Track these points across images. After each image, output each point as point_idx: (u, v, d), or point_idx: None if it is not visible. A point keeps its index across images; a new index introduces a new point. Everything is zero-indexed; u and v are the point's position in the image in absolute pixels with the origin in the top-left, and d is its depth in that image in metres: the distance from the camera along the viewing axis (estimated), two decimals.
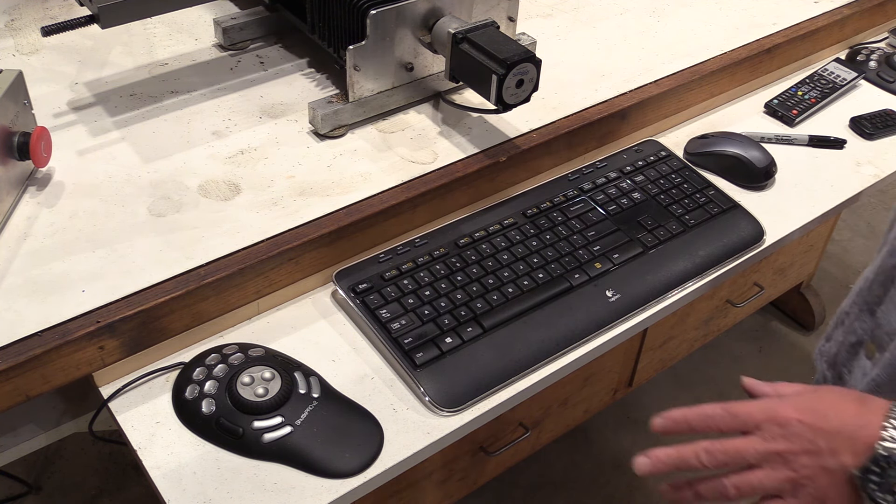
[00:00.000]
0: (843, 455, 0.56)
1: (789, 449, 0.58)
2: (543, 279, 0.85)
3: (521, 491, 1.56)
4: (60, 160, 0.87)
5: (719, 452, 0.59)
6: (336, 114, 0.91)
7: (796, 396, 0.60)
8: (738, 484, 0.59)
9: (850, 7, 1.22)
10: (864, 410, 0.57)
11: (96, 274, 0.75)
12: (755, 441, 0.59)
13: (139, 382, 0.76)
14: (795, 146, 1.08)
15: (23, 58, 1.01)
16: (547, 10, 1.18)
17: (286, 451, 0.71)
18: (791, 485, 0.58)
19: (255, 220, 0.82)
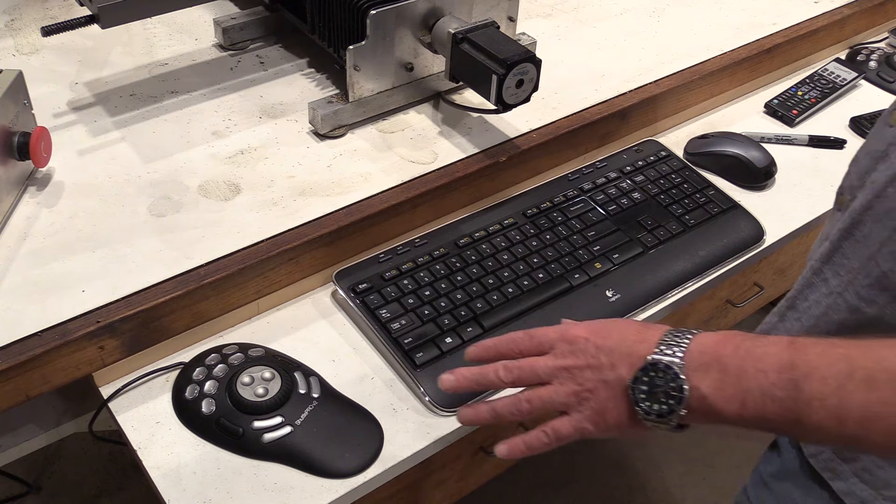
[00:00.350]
0: (620, 368, 0.59)
1: (575, 364, 0.61)
2: (543, 279, 0.85)
3: (521, 491, 1.56)
4: (60, 160, 0.87)
5: (515, 368, 0.63)
6: (336, 114, 0.91)
7: (589, 321, 0.64)
8: (530, 398, 0.63)
9: (850, 7, 1.22)
10: (645, 330, 0.61)
11: (96, 274, 0.75)
12: (547, 358, 0.63)
13: (139, 382, 0.76)
14: (795, 146, 1.08)
15: (23, 58, 1.01)
16: (547, 10, 1.18)
17: (286, 451, 0.71)
18: (576, 398, 0.61)
19: (255, 220, 0.82)
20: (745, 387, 0.54)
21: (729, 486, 1.48)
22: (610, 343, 0.61)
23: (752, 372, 0.54)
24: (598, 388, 0.60)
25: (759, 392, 0.53)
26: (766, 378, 0.53)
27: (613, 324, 0.63)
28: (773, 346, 0.55)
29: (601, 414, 0.60)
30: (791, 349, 0.54)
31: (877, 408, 0.50)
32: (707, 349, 0.57)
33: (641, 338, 0.60)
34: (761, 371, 0.54)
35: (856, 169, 0.65)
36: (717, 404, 0.55)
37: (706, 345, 0.57)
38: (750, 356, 0.55)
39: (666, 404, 0.56)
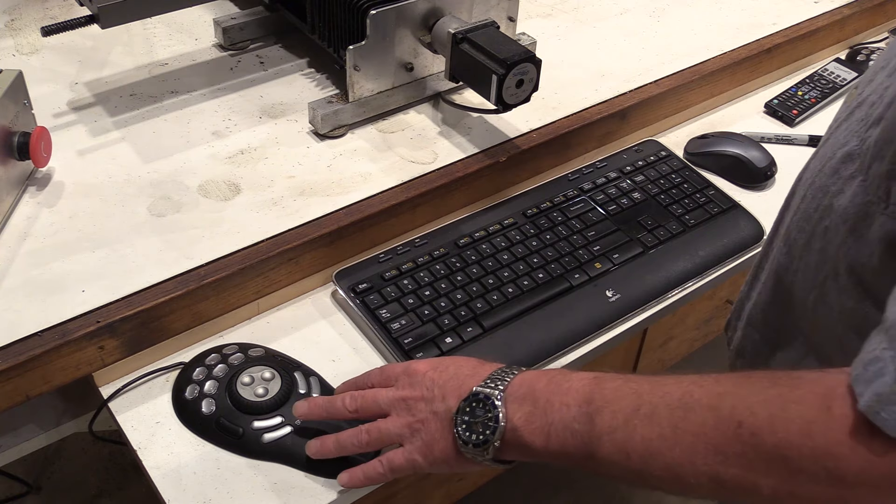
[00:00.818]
0: (449, 399, 0.61)
1: (411, 395, 0.63)
2: (543, 279, 0.85)
3: (521, 491, 1.56)
4: (60, 160, 0.87)
5: (359, 397, 0.66)
6: (336, 114, 0.91)
7: (433, 358, 0.67)
8: (369, 429, 0.65)
9: (850, 7, 1.22)
10: (480, 366, 0.63)
11: (96, 274, 0.75)
12: (389, 389, 0.65)
13: (139, 382, 0.76)
14: (795, 146, 1.08)
15: (23, 58, 1.01)
16: (547, 10, 1.18)
17: (286, 451, 0.71)
18: (409, 430, 0.63)
19: (255, 220, 0.82)
20: (550, 420, 0.56)
21: None
22: (445, 377, 0.63)
23: (557, 405, 0.56)
24: (429, 419, 0.62)
25: (561, 425, 0.55)
26: (569, 411, 0.55)
27: (453, 360, 0.65)
28: (578, 381, 0.56)
29: (430, 446, 0.62)
30: (592, 384, 0.55)
31: (656, 442, 0.50)
32: (525, 382, 0.59)
33: (474, 372, 0.62)
34: (565, 405, 0.55)
35: None
36: (526, 436, 0.57)
37: (525, 379, 0.59)
38: (558, 390, 0.56)
39: (482, 434, 0.58)
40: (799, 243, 0.62)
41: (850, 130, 0.57)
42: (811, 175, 0.62)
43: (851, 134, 0.57)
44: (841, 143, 0.58)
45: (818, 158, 0.61)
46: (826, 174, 0.59)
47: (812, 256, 0.60)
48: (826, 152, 0.60)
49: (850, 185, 0.55)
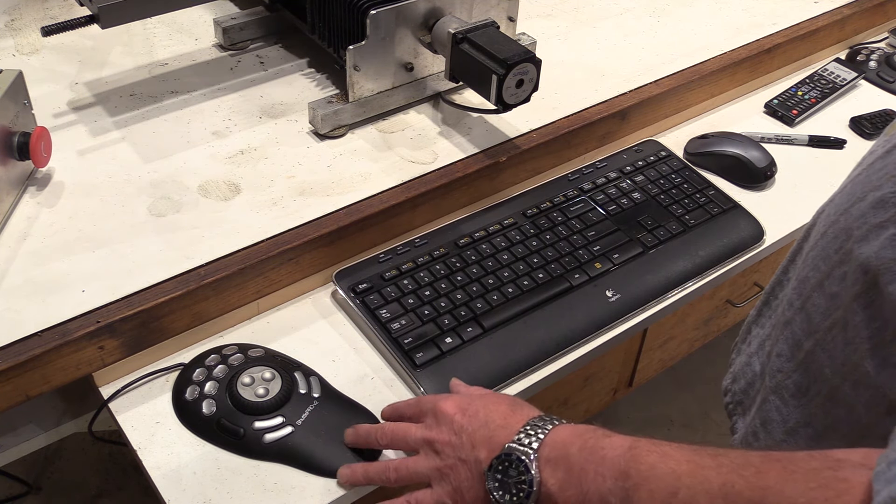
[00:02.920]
0: (479, 451, 0.60)
1: (439, 438, 0.62)
2: (543, 279, 0.85)
3: None
4: (60, 160, 0.87)
5: (390, 432, 0.67)
6: (336, 114, 0.91)
7: (464, 395, 0.66)
8: (397, 466, 0.65)
9: (850, 7, 1.22)
10: (511, 413, 0.61)
11: (96, 274, 0.75)
12: (418, 427, 0.65)
13: (139, 383, 0.76)
14: (795, 146, 1.08)
15: (23, 58, 1.01)
16: (547, 10, 1.18)
17: (287, 451, 0.71)
18: (437, 473, 0.62)
19: (255, 220, 0.82)
20: (584, 489, 0.54)
21: None
22: (474, 424, 0.62)
23: (591, 475, 0.54)
24: (458, 466, 0.61)
25: (597, 497, 0.54)
26: (604, 483, 0.53)
27: (483, 402, 0.63)
28: (613, 449, 0.54)
29: (460, 493, 0.61)
30: (628, 455, 0.53)
31: None
32: (558, 444, 0.57)
33: (505, 423, 0.61)
34: (600, 475, 0.54)
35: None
36: (561, 502, 0.56)
37: (558, 438, 0.57)
38: (593, 458, 0.55)
39: (517, 497, 0.57)
40: (811, 281, 0.59)
41: (887, 173, 0.53)
42: (835, 211, 0.58)
43: (887, 177, 0.52)
44: (874, 184, 0.53)
45: (845, 194, 0.57)
46: (853, 216, 0.54)
47: (822, 299, 0.57)
48: (856, 190, 0.55)
49: (878, 236, 0.51)
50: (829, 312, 0.56)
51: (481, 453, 0.60)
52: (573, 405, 1.03)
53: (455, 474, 0.61)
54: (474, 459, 0.60)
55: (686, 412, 1.75)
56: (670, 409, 1.71)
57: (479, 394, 0.66)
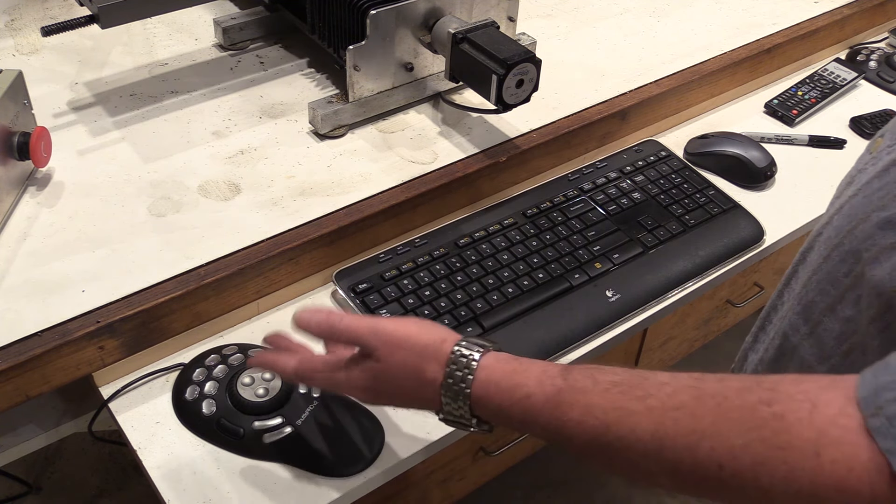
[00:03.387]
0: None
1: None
2: (543, 279, 0.85)
3: (521, 491, 1.56)
4: (60, 160, 0.87)
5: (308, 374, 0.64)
6: (336, 114, 0.91)
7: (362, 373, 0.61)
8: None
9: (850, 7, 1.22)
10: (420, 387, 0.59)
11: (96, 274, 0.75)
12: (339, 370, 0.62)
13: (139, 383, 0.76)
14: (795, 146, 1.08)
15: (23, 58, 1.01)
16: (547, 10, 1.18)
17: (287, 451, 0.71)
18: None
19: (255, 220, 0.82)
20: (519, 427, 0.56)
21: None
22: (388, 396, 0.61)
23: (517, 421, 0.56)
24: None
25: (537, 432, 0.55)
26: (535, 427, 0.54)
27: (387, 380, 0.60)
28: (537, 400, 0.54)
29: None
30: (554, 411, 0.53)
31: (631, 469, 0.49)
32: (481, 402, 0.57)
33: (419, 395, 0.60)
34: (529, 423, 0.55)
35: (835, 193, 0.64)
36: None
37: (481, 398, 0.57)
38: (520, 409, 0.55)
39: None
40: (819, 306, 0.58)
41: (890, 193, 0.53)
42: (836, 233, 0.57)
43: (892, 197, 0.52)
44: (876, 204, 0.53)
45: (844, 216, 0.57)
46: (858, 238, 0.54)
47: (835, 324, 0.57)
48: (856, 211, 0.55)
49: (890, 258, 0.51)
50: (844, 337, 0.56)
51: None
52: None
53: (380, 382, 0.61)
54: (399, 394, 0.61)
55: None
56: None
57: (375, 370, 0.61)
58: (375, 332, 0.60)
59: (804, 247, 0.63)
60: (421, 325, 0.61)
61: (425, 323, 0.61)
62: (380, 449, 0.72)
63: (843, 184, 0.62)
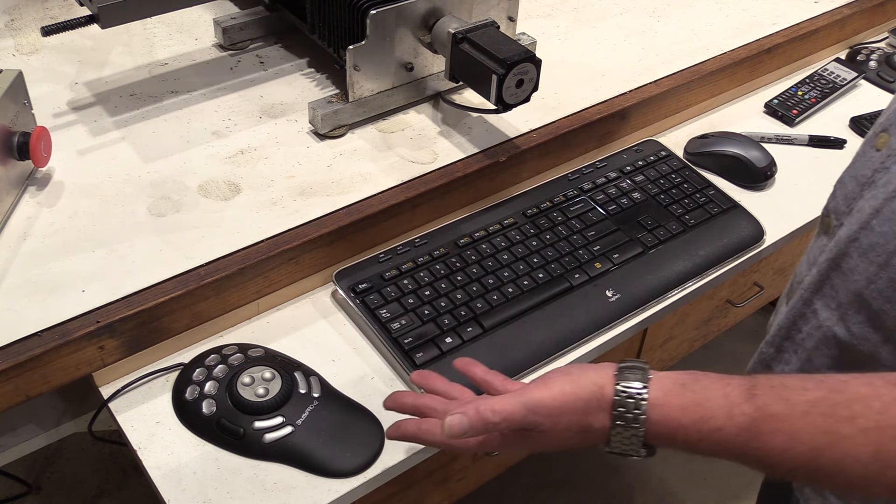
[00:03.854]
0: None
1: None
2: (543, 279, 0.85)
3: (521, 491, 1.56)
4: (60, 160, 0.87)
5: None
6: (336, 114, 0.91)
7: (525, 435, 0.60)
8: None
9: (850, 7, 1.22)
10: (587, 434, 0.58)
11: (96, 274, 0.75)
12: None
13: (139, 383, 0.76)
14: (795, 146, 1.08)
15: (23, 58, 1.01)
16: (547, 10, 1.18)
17: (287, 451, 0.71)
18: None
19: (255, 220, 0.82)
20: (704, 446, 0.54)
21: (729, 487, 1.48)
22: (553, 447, 0.60)
23: (706, 448, 0.54)
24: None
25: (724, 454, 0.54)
26: (726, 453, 0.53)
27: (552, 439, 0.59)
28: (729, 432, 0.53)
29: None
30: (751, 443, 0.52)
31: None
32: (661, 438, 0.56)
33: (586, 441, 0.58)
34: (719, 451, 0.53)
35: (842, 192, 0.63)
36: None
37: (660, 435, 0.56)
38: (707, 443, 0.54)
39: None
40: (891, 314, 0.57)
41: None
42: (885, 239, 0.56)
43: None
44: None
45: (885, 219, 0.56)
46: None
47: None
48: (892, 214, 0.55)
49: None
50: None
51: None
52: None
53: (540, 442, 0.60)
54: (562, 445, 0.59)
55: None
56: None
57: (539, 441, 0.60)
58: (533, 411, 0.58)
59: (832, 254, 0.62)
60: (573, 378, 0.59)
61: (573, 372, 0.59)
62: (380, 449, 0.72)
63: (853, 182, 0.61)
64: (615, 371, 0.58)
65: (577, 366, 0.60)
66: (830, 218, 0.65)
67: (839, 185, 0.65)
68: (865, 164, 0.60)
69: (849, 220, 0.61)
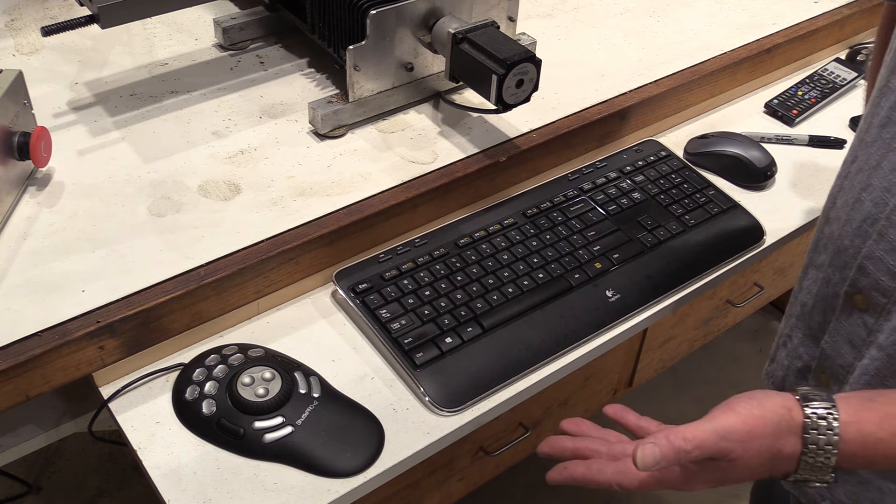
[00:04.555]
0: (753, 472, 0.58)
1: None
2: (543, 279, 0.85)
3: (521, 491, 1.56)
4: (60, 160, 0.87)
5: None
6: (336, 114, 0.91)
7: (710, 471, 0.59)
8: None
9: (850, 7, 1.22)
10: (777, 462, 0.57)
11: (96, 274, 0.75)
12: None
13: (139, 383, 0.76)
14: (795, 146, 1.08)
15: (23, 58, 1.01)
16: (547, 10, 1.18)
17: (287, 451, 0.71)
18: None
19: (255, 220, 0.82)
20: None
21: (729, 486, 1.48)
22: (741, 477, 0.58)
23: None
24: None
25: None
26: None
27: (741, 469, 0.57)
28: None
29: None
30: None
31: None
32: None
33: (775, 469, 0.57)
34: None
35: (879, 268, 0.62)
36: None
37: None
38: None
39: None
40: None
41: None
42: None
43: None
44: None
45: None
46: None
47: None
48: None
49: None
50: None
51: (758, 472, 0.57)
52: (573, 405, 1.03)
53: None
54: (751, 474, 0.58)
55: (686, 412, 1.75)
56: (670, 409, 1.71)
57: (727, 471, 0.58)
58: (724, 437, 0.56)
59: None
60: (759, 402, 0.57)
61: (757, 397, 0.58)
62: (380, 449, 0.72)
63: (893, 255, 0.60)
64: (798, 395, 0.57)
65: (760, 391, 0.59)
66: (869, 295, 0.63)
67: (869, 262, 0.62)
68: (863, 156, 0.60)
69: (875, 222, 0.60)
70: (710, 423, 0.57)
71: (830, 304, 0.68)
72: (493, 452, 0.91)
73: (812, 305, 0.71)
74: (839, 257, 0.66)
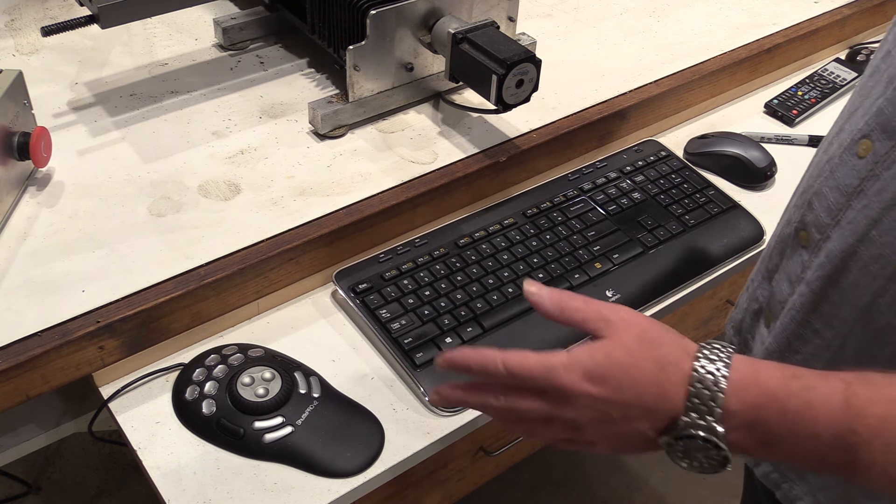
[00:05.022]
0: (638, 422, 0.53)
1: (577, 418, 0.54)
2: (543, 279, 0.85)
3: (521, 491, 1.56)
4: (60, 160, 0.87)
5: (507, 410, 0.57)
6: (336, 114, 0.91)
7: (586, 356, 0.54)
8: (526, 431, 0.58)
9: (850, 7, 1.22)
10: (663, 379, 0.52)
11: (96, 274, 0.75)
12: (541, 405, 0.55)
13: (139, 383, 0.76)
14: (795, 146, 1.08)
15: (23, 58, 1.01)
16: (547, 10, 1.18)
17: (287, 451, 0.71)
18: (573, 445, 0.57)
19: (255, 220, 0.82)
20: (792, 453, 0.50)
21: (729, 486, 1.48)
22: (622, 398, 0.52)
23: (803, 438, 0.49)
24: (608, 436, 0.55)
25: (812, 457, 0.50)
26: (819, 441, 0.49)
27: (620, 366, 0.53)
28: (825, 405, 0.49)
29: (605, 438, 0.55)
30: (848, 412, 0.48)
31: None
32: (747, 408, 0.50)
33: (662, 391, 0.52)
34: (814, 436, 0.49)
35: (821, 204, 0.60)
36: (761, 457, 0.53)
37: (746, 402, 0.50)
38: (801, 421, 0.49)
39: (708, 464, 0.52)
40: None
41: None
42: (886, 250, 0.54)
43: None
44: None
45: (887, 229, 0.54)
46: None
47: None
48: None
49: None
50: None
51: (641, 425, 0.53)
52: None
53: (603, 442, 0.55)
54: (633, 431, 0.53)
55: None
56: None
57: (601, 351, 0.54)
58: (608, 307, 0.54)
59: (825, 270, 0.59)
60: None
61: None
62: (380, 449, 0.72)
63: (836, 193, 0.59)
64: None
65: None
66: (810, 231, 0.62)
67: (816, 197, 0.61)
68: (848, 173, 0.58)
69: (838, 232, 0.58)
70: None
71: (785, 244, 0.67)
72: (493, 452, 0.91)
73: (773, 247, 0.70)
74: (802, 197, 0.65)
